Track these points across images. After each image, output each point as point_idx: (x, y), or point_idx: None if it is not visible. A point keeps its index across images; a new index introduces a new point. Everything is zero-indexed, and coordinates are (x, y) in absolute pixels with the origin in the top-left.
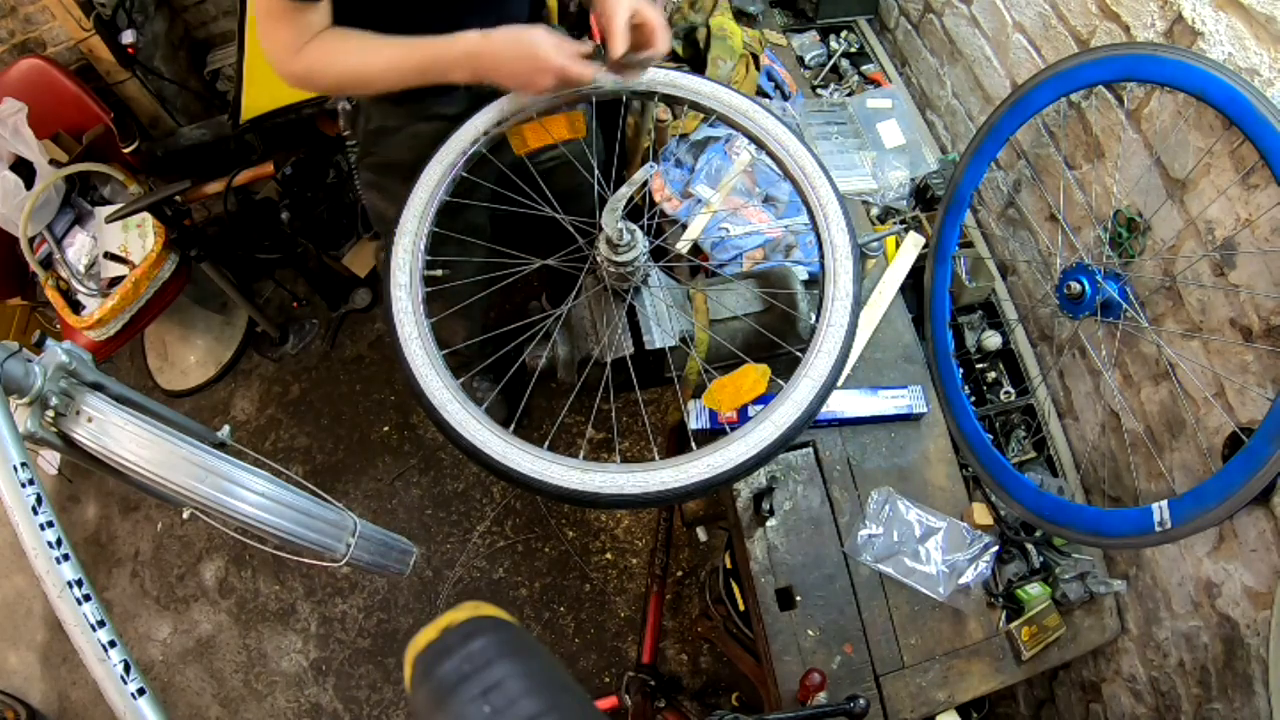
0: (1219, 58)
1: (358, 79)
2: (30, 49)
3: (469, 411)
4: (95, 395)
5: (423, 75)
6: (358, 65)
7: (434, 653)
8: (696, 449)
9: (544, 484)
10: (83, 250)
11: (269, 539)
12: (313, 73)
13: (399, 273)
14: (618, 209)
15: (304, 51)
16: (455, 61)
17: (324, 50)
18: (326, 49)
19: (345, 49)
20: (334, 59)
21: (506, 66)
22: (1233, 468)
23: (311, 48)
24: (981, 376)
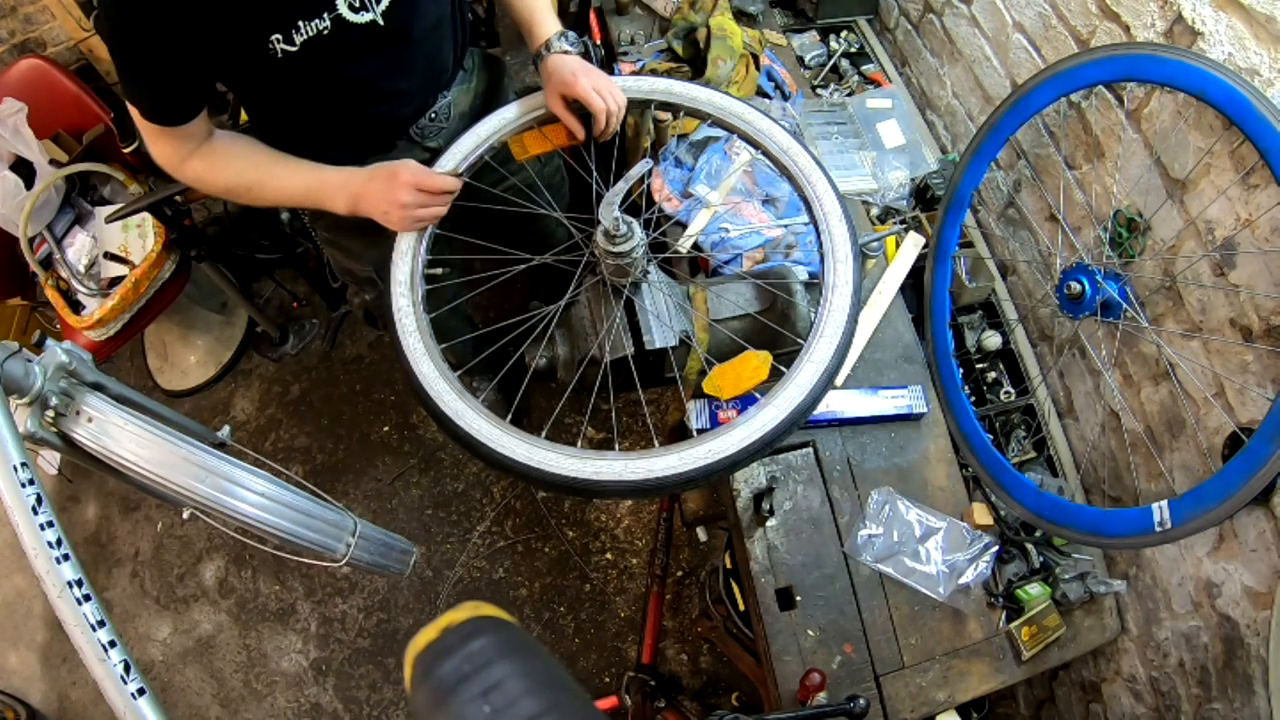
0: (1219, 58)
1: (244, 192)
2: (30, 49)
3: (465, 402)
4: (95, 395)
5: (305, 199)
6: (244, 180)
7: (434, 653)
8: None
9: (541, 472)
10: (83, 250)
11: (269, 539)
12: (201, 181)
13: (400, 267)
14: (614, 202)
15: (189, 161)
16: (334, 190)
17: (210, 163)
18: (213, 162)
19: (230, 164)
20: (220, 173)
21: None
22: (1233, 468)
23: (196, 159)
24: (981, 376)
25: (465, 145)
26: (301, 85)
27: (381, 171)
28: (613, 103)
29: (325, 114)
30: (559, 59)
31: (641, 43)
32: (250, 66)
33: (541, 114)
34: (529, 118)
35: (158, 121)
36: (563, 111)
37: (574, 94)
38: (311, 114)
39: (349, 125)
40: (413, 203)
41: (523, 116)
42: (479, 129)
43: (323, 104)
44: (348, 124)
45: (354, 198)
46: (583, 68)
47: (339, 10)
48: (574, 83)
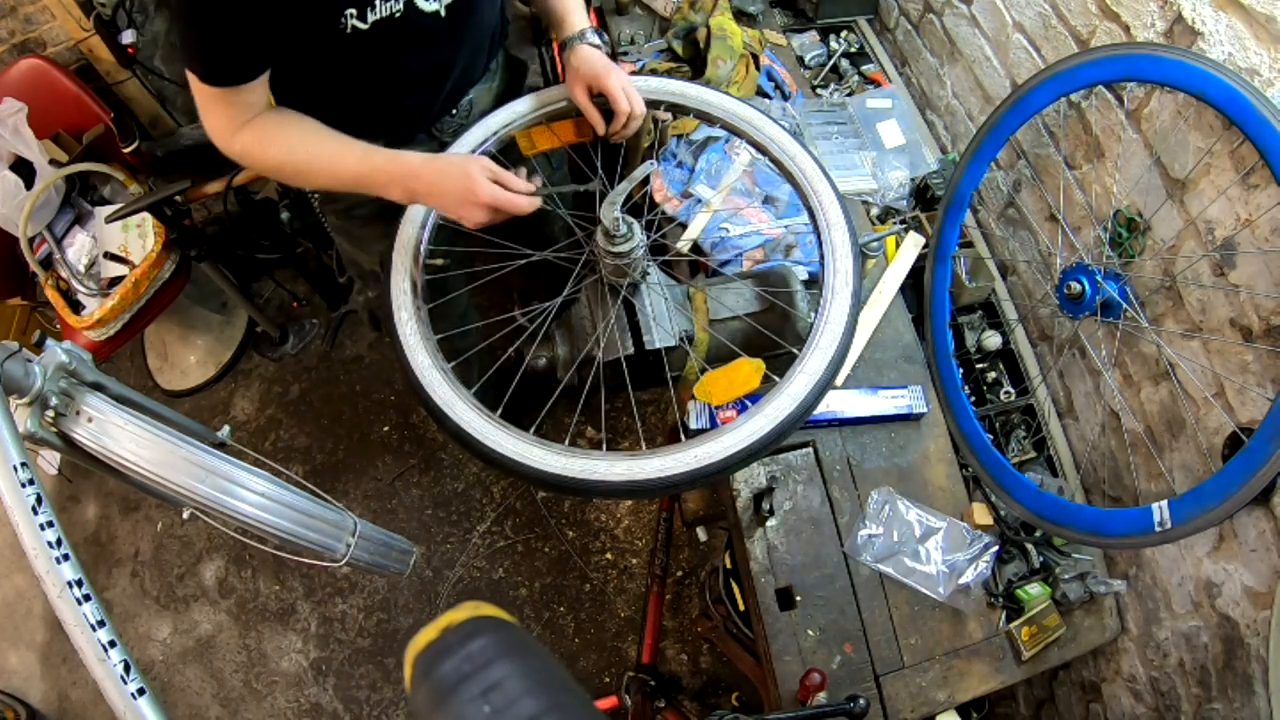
0: (1219, 58)
1: (293, 172)
2: (30, 49)
3: (457, 394)
4: (95, 395)
5: (357, 185)
6: (293, 159)
7: (434, 653)
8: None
9: (527, 468)
10: (83, 250)
11: (269, 539)
12: (247, 156)
13: (401, 255)
14: (617, 202)
15: (241, 133)
16: (392, 179)
17: (260, 136)
18: (263, 135)
19: (283, 139)
20: (269, 147)
21: (442, 195)
22: (1233, 468)
23: (248, 131)
24: (981, 376)
25: (475, 136)
26: (358, 65)
27: (454, 182)
28: (637, 106)
29: (364, 98)
30: (589, 50)
31: (641, 43)
32: (316, 39)
33: (553, 110)
34: (540, 113)
35: (215, 81)
36: (586, 103)
37: (603, 88)
38: (350, 97)
39: (382, 112)
40: (485, 220)
41: (534, 111)
42: (489, 121)
43: (368, 87)
44: (381, 111)
45: (414, 193)
46: (612, 66)
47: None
48: (605, 77)
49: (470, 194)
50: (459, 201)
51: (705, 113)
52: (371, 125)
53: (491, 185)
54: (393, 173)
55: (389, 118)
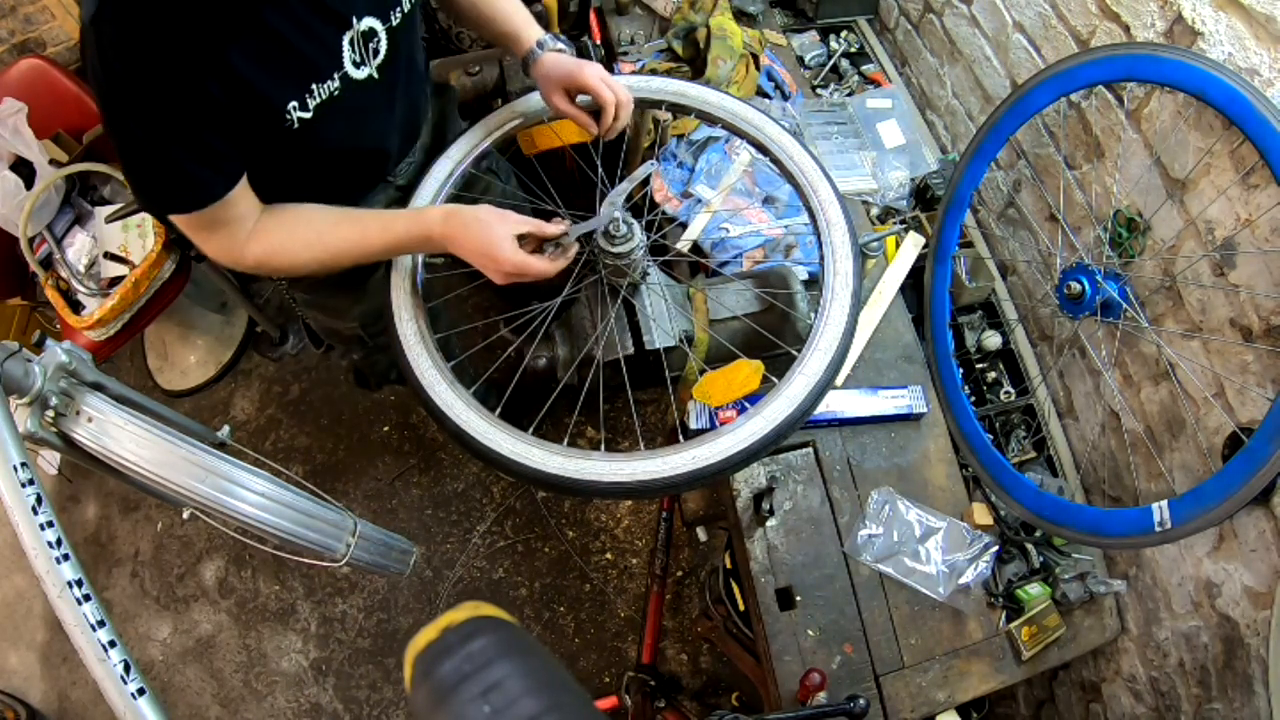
0: (1219, 58)
1: (319, 267)
2: (30, 49)
3: (455, 393)
4: (95, 395)
5: (389, 253)
6: (313, 256)
7: (434, 653)
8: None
9: (525, 468)
10: (83, 250)
11: (269, 539)
12: (267, 266)
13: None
14: (617, 202)
15: (248, 248)
16: (423, 241)
17: (269, 245)
18: (272, 243)
19: (294, 241)
20: (284, 254)
21: (468, 253)
22: (1233, 468)
23: (254, 243)
24: (981, 376)
25: (474, 135)
26: (308, 149)
27: (478, 247)
28: (621, 94)
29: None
30: (554, 57)
31: (641, 43)
32: (265, 139)
33: (552, 111)
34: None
35: (192, 207)
36: (569, 107)
37: (580, 85)
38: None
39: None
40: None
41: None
42: (489, 120)
43: (325, 166)
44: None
45: (449, 250)
46: (583, 62)
47: (345, 68)
48: (579, 73)
49: (493, 260)
50: (484, 268)
51: (706, 112)
52: (330, 190)
53: (515, 254)
54: (418, 236)
55: (349, 180)
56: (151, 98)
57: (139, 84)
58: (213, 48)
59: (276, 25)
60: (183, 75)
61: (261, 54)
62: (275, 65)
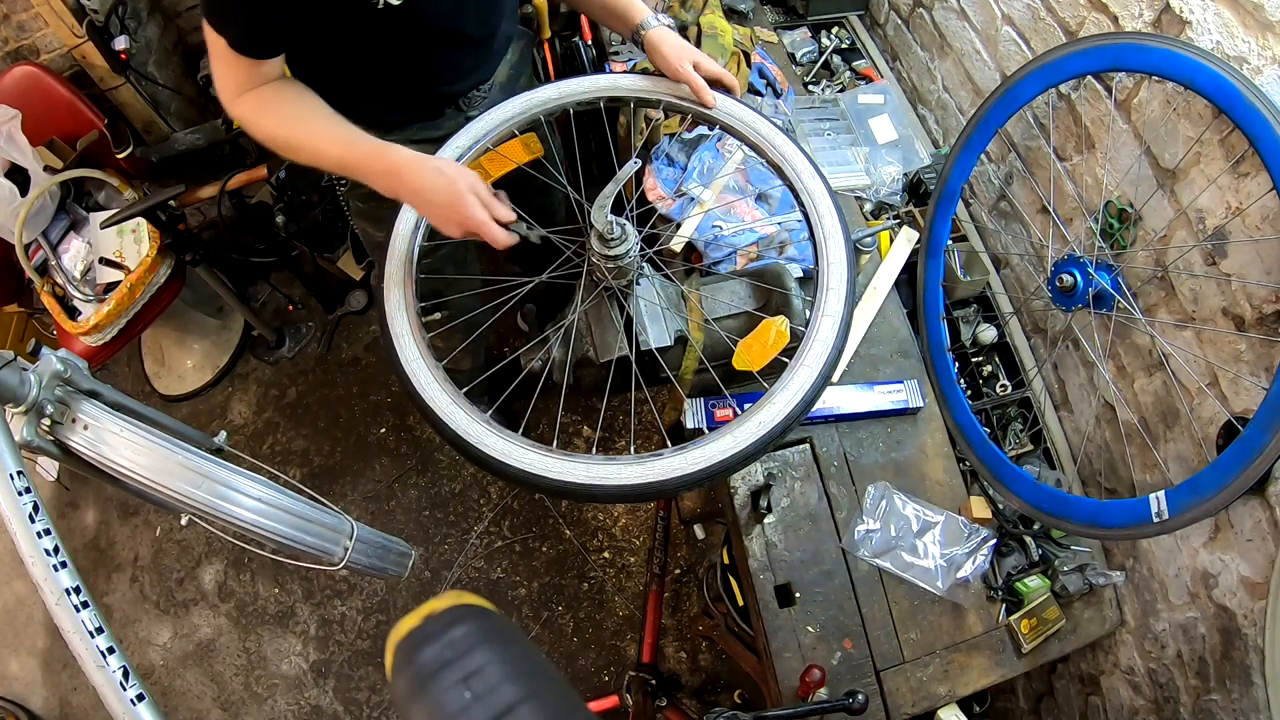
0: (1207, 46)
1: (284, 145)
2: (23, 56)
3: (449, 394)
4: (91, 403)
5: (340, 169)
6: (283, 133)
7: (415, 639)
8: (674, 445)
9: (511, 468)
10: (78, 256)
11: (267, 544)
12: (246, 121)
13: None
14: (606, 205)
15: (245, 97)
16: (376, 172)
17: (261, 104)
18: (264, 103)
19: (279, 111)
20: (266, 117)
21: (427, 203)
22: (1228, 457)
23: (252, 96)
24: (977, 370)
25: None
26: (393, 41)
27: (442, 195)
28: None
29: (399, 75)
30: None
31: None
32: (347, 16)
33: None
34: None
35: (242, 50)
36: (691, 74)
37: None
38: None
39: (416, 89)
40: (460, 236)
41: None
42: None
43: (404, 64)
44: (416, 87)
45: (396, 191)
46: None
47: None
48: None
49: (456, 211)
50: (442, 215)
51: (698, 111)
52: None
53: (479, 209)
54: (376, 166)
55: (423, 94)
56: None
57: None
58: None
59: None
60: None
61: None
62: None
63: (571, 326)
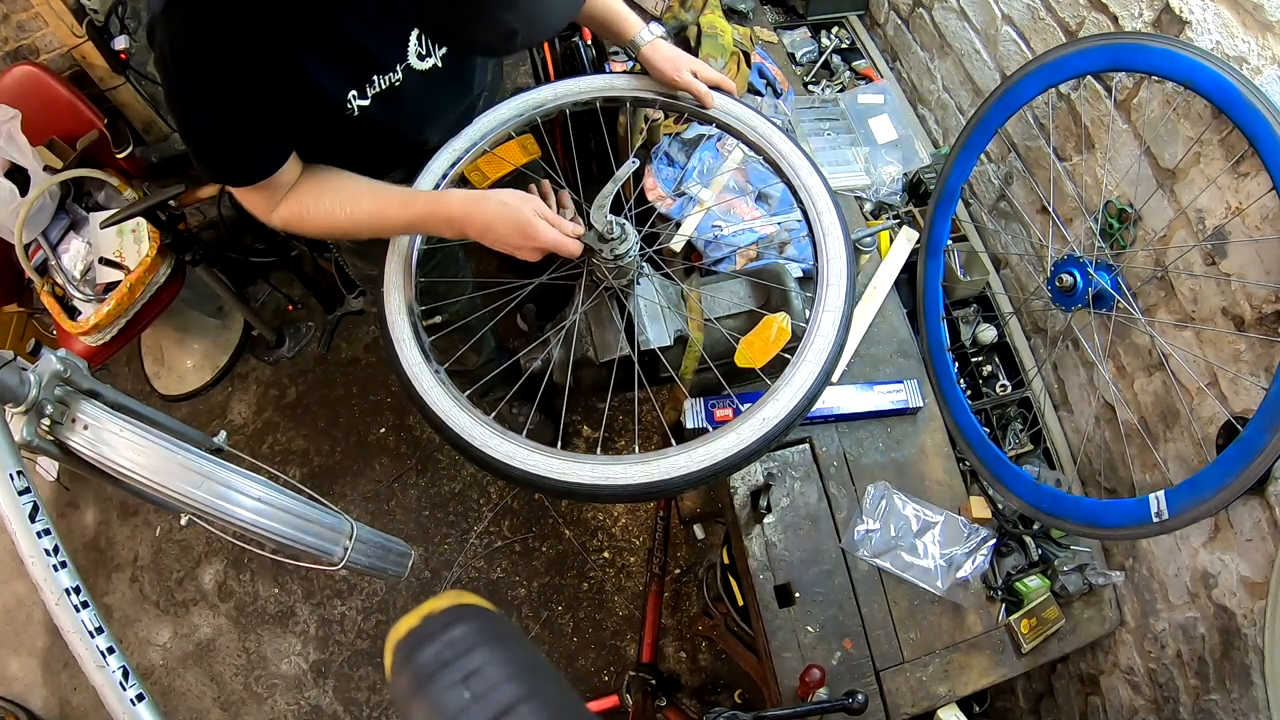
0: (1207, 46)
1: (341, 234)
2: (23, 56)
3: (452, 397)
4: (91, 403)
5: (408, 230)
6: (336, 222)
7: (414, 639)
8: (676, 444)
9: (516, 470)
10: (78, 256)
11: (266, 544)
12: (292, 227)
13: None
14: (605, 205)
15: (279, 208)
16: (441, 224)
17: (299, 207)
18: (301, 205)
19: (321, 205)
20: (310, 217)
21: (497, 238)
22: (1227, 457)
23: (286, 204)
24: (977, 370)
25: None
26: (365, 134)
27: (511, 225)
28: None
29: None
30: (658, 45)
31: None
32: (324, 125)
33: (492, 137)
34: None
35: (243, 182)
36: (691, 81)
37: (695, 67)
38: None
39: (391, 155)
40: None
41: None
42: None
43: (376, 144)
44: (390, 155)
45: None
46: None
47: (409, 60)
48: (703, 66)
49: (528, 238)
50: (515, 243)
51: (698, 110)
52: (382, 164)
53: (549, 230)
54: (440, 218)
55: (402, 157)
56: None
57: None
58: (279, 47)
59: (346, 27)
60: (246, 71)
61: (327, 52)
62: (340, 62)
63: (572, 327)
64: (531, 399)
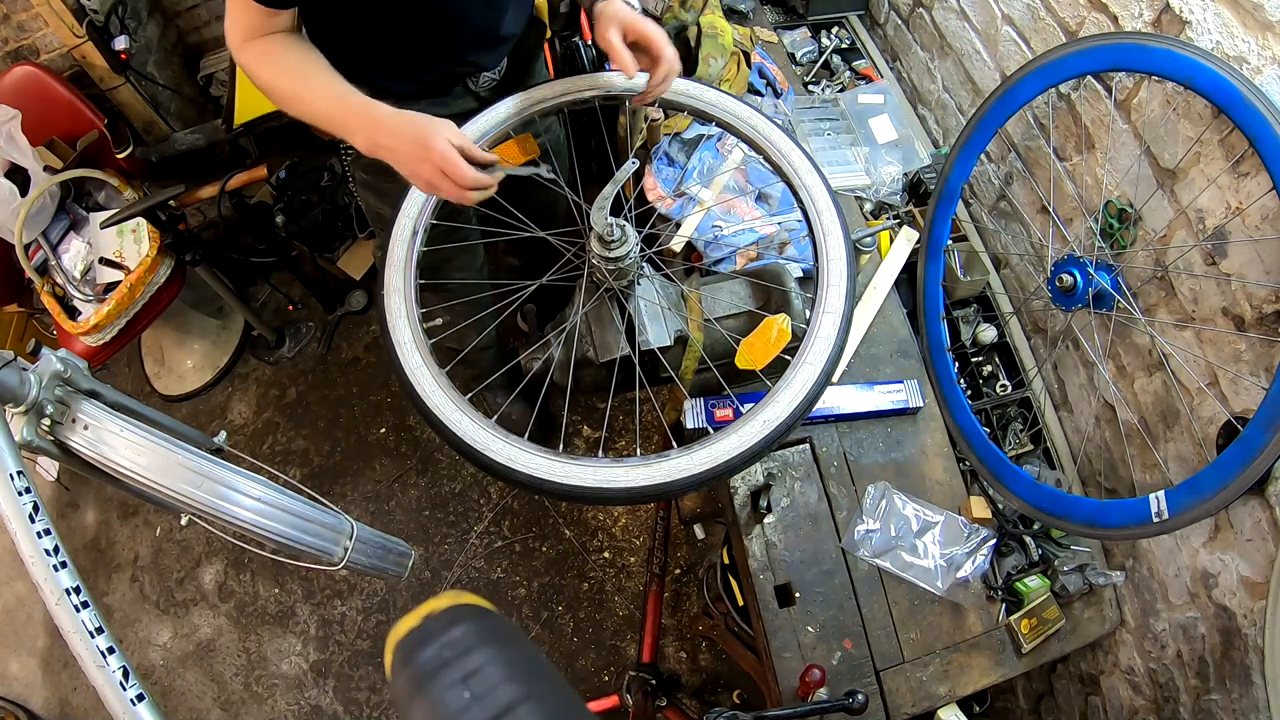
0: (1207, 46)
1: (280, 96)
2: (23, 56)
3: (454, 400)
4: (91, 403)
5: (329, 123)
6: (281, 83)
7: (414, 639)
8: (677, 445)
9: (519, 473)
10: (78, 256)
11: (266, 544)
12: (248, 67)
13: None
14: (605, 207)
15: (251, 44)
16: (360, 125)
17: (264, 52)
18: (267, 52)
19: (280, 62)
20: (267, 66)
21: (397, 149)
22: (1227, 457)
23: (257, 44)
24: (977, 370)
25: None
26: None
27: (414, 133)
28: (675, 59)
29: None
30: (614, 3)
31: None
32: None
33: (492, 135)
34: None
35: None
36: (621, 45)
37: (640, 32)
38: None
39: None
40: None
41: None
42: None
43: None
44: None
45: (375, 146)
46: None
47: None
48: (643, 22)
49: (425, 149)
50: (413, 156)
51: (698, 110)
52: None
53: (448, 146)
54: (362, 117)
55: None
56: None
57: None
58: None
59: None
60: None
61: None
62: None
63: (573, 328)
64: (511, 387)
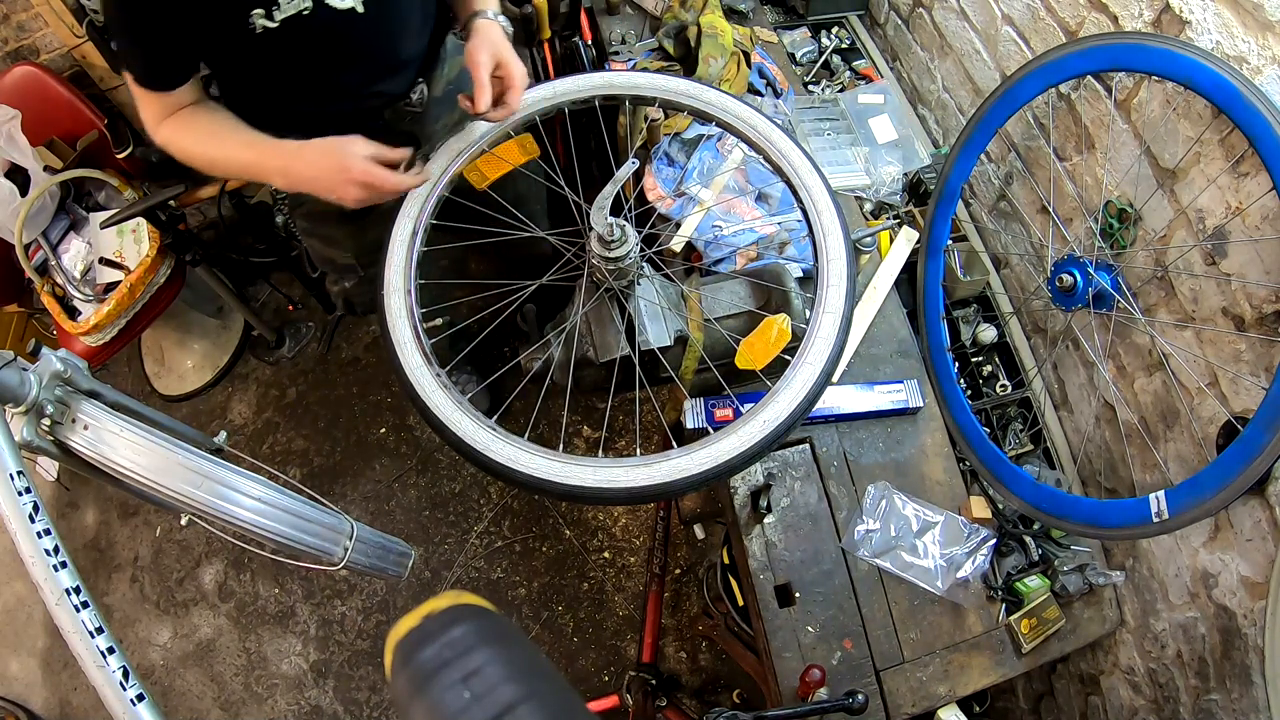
0: (1207, 46)
1: (203, 163)
2: (23, 56)
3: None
4: (91, 403)
5: (248, 173)
6: (200, 150)
7: (414, 639)
8: (677, 444)
9: (519, 474)
10: (78, 256)
11: (267, 543)
12: (168, 146)
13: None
14: (605, 206)
15: (164, 124)
16: (275, 167)
17: (178, 127)
18: (180, 126)
19: (194, 131)
20: (183, 138)
21: (316, 177)
22: (1228, 457)
23: (169, 123)
24: (977, 370)
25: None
26: (276, 65)
27: (326, 159)
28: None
29: (297, 98)
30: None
31: (632, 42)
32: (230, 41)
33: (490, 136)
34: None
35: (145, 86)
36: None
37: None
38: (283, 97)
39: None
40: (369, 198)
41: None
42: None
43: (295, 88)
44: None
45: (295, 181)
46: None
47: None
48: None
49: (343, 170)
50: (333, 180)
51: (698, 110)
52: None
53: (364, 161)
54: (275, 157)
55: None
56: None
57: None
58: None
59: None
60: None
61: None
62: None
63: (572, 328)
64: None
